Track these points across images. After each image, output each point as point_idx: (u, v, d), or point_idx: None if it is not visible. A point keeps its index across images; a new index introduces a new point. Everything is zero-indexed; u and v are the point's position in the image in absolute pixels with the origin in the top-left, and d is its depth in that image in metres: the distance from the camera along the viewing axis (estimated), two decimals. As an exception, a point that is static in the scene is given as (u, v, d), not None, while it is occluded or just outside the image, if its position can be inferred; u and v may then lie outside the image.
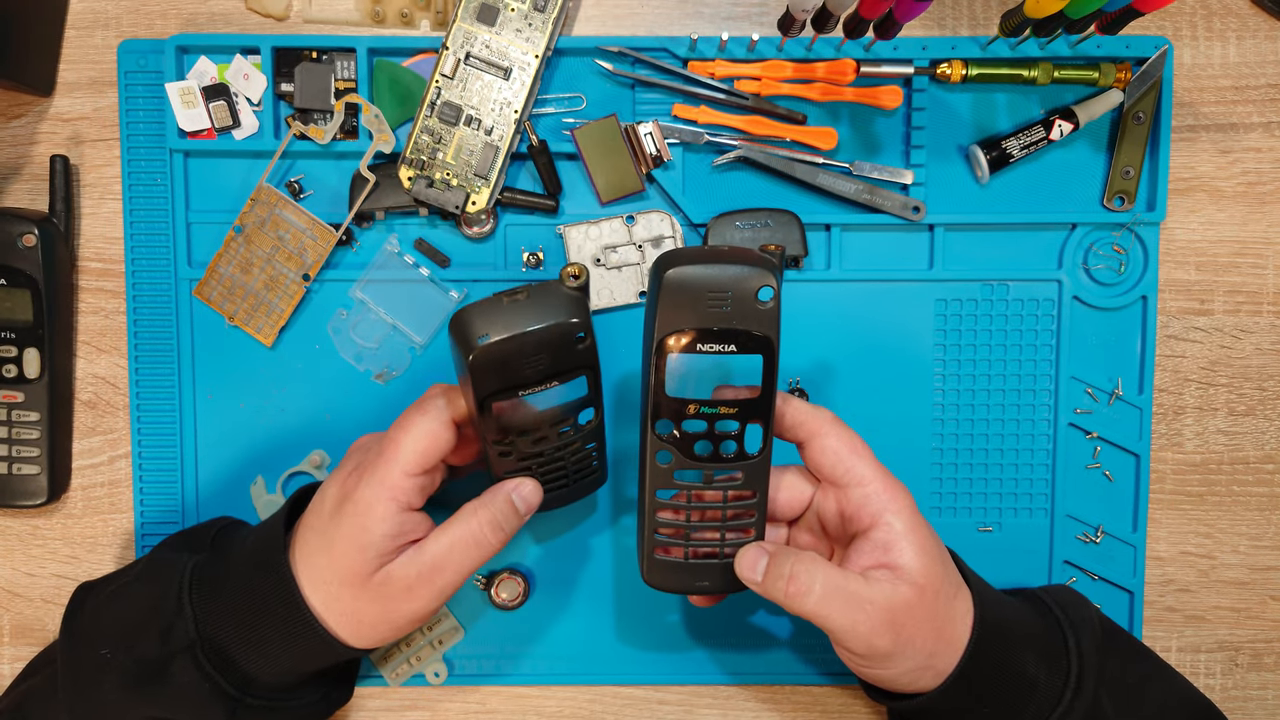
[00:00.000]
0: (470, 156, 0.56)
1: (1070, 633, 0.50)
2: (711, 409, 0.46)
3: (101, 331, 0.60)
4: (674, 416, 0.47)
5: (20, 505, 0.59)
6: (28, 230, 0.57)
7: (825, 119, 0.58)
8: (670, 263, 0.44)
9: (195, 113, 0.57)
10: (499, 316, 0.44)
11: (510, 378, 0.45)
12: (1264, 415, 0.61)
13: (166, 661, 0.48)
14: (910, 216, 0.58)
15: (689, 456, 0.47)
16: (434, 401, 0.48)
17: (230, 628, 0.48)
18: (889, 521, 0.47)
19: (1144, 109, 0.57)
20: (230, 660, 0.48)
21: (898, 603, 0.46)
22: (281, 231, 0.58)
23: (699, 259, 0.44)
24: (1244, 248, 0.60)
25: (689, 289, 0.43)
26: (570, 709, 0.61)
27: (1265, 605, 0.61)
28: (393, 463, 0.47)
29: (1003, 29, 0.56)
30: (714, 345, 0.44)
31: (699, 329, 0.44)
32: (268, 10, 0.59)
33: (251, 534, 0.52)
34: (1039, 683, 0.49)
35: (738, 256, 0.44)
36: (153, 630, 0.49)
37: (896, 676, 0.48)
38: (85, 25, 0.59)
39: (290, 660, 0.49)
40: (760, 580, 0.47)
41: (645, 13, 0.59)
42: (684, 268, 0.43)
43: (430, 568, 0.47)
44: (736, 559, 0.49)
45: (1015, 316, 0.59)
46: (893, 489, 0.48)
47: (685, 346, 0.44)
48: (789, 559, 0.47)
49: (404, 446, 0.47)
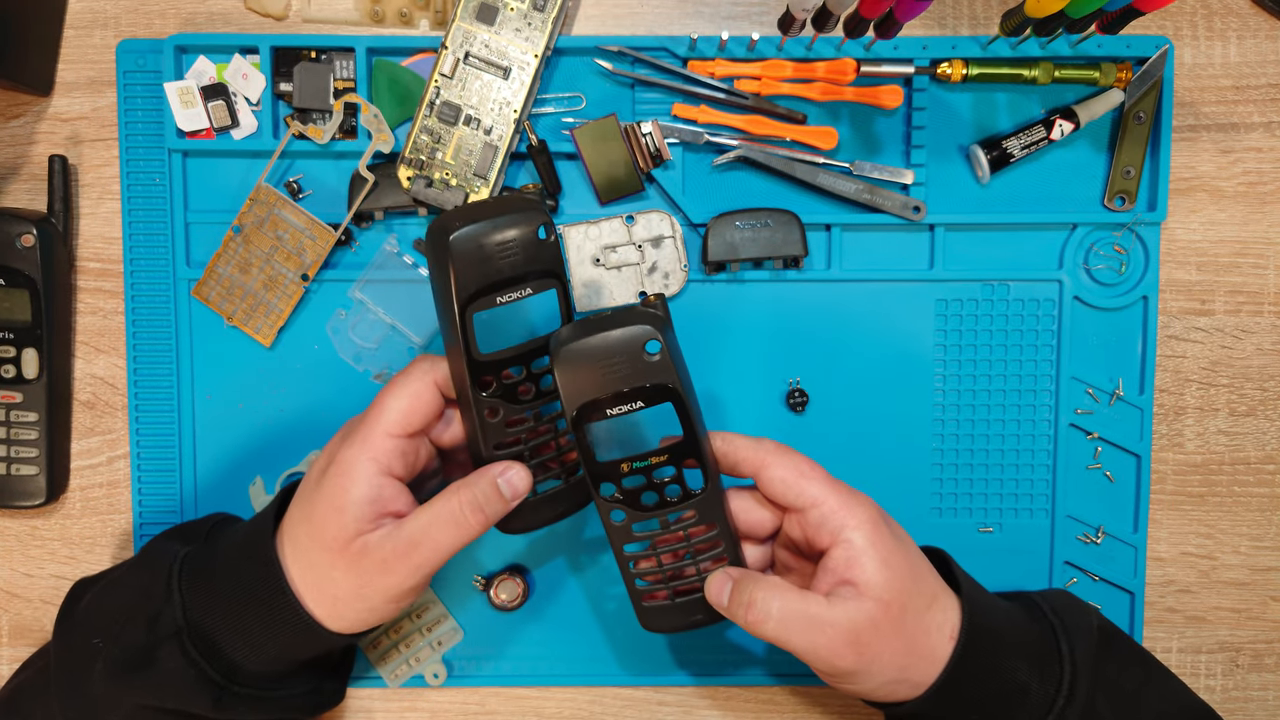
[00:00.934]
0: (469, 156, 0.56)
1: (1064, 639, 0.50)
2: (643, 461, 0.48)
3: (100, 332, 0.60)
4: (612, 478, 0.48)
5: (19, 506, 0.59)
6: (26, 230, 0.57)
7: (825, 119, 0.58)
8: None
9: (194, 112, 0.57)
10: (469, 214, 0.46)
11: (487, 271, 0.46)
12: (1265, 416, 0.60)
13: (153, 648, 0.48)
14: (910, 216, 0.58)
15: (639, 509, 0.49)
16: (419, 365, 0.49)
17: (217, 615, 0.48)
18: (849, 538, 0.47)
19: (1145, 109, 0.57)
20: (216, 647, 0.48)
21: (860, 621, 0.46)
22: (280, 231, 0.58)
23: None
24: (1245, 248, 0.60)
25: (582, 361, 0.46)
26: (570, 709, 0.61)
27: (1266, 606, 0.61)
28: (375, 423, 0.48)
29: (1003, 28, 0.56)
30: (622, 407, 0.46)
31: (599, 398, 0.46)
32: (266, 10, 0.58)
33: (244, 525, 0.52)
34: (1030, 689, 0.48)
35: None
36: (141, 617, 0.49)
37: (869, 691, 0.49)
38: (84, 25, 0.59)
39: (275, 647, 0.49)
40: (726, 605, 0.49)
41: (645, 12, 0.59)
42: (574, 343, 0.45)
43: (407, 543, 0.47)
44: (706, 587, 0.50)
45: (1016, 316, 0.59)
46: (850, 504, 0.48)
47: (596, 416, 0.46)
48: (749, 585, 0.48)
49: (387, 406, 0.48)
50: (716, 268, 0.58)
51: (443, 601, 0.60)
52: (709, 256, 0.57)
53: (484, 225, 0.45)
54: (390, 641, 0.60)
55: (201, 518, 0.57)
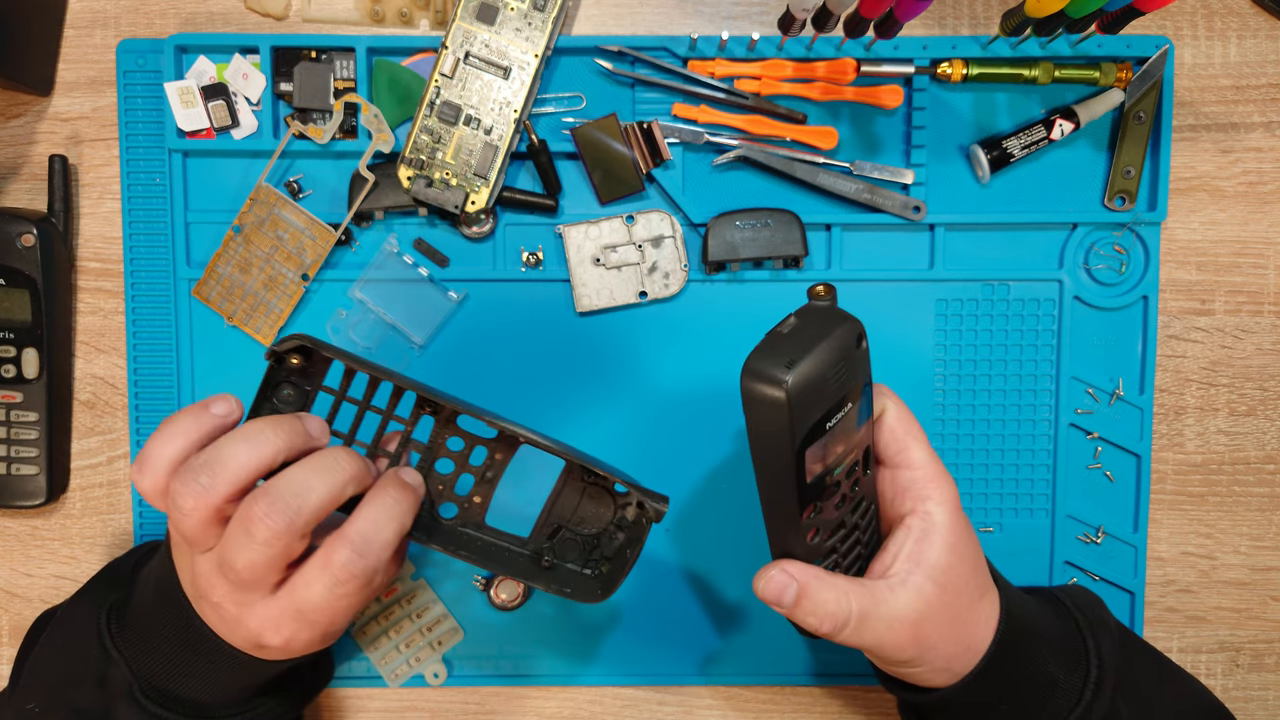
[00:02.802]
0: (470, 156, 0.56)
1: (1089, 635, 0.50)
2: (840, 464, 0.43)
3: (100, 331, 0.60)
4: (818, 496, 0.43)
5: (19, 506, 0.59)
6: (26, 230, 0.57)
7: (825, 118, 0.58)
8: (774, 375, 0.39)
9: (194, 112, 0.57)
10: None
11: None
12: (1265, 415, 0.60)
13: (108, 709, 0.46)
14: (911, 216, 0.58)
15: (831, 514, 0.45)
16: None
17: (160, 663, 0.47)
18: (929, 510, 0.46)
19: (1145, 108, 0.57)
20: (172, 695, 0.47)
21: (921, 609, 0.45)
22: (280, 231, 0.58)
23: (792, 354, 0.39)
24: (1245, 247, 0.60)
25: (812, 389, 0.39)
26: (570, 709, 0.61)
27: (1266, 606, 0.61)
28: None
29: (1003, 28, 0.56)
30: (837, 414, 0.42)
31: (824, 415, 0.41)
32: (267, 9, 0.59)
33: (154, 564, 0.49)
34: (1059, 682, 0.48)
35: (822, 327, 0.40)
36: (88, 680, 0.47)
37: (914, 675, 0.48)
38: (84, 25, 0.59)
39: (229, 679, 0.47)
40: (787, 608, 0.45)
41: (645, 12, 0.59)
42: (799, 378, 0.39)
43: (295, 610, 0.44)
44: (759, 582, 0.45)
45: (1016, 316, 0.59)
46: (941, 479, 0.47)
47: (816, 435, 0.41)
48: (818, 590, 0.44)
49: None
50: (716, 268, 0.58)
51: (443, 601, 0.60)
52: (709, 256, 0.57)
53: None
54: (390, 642, 0.60)
55: (126, 553, 0.56)
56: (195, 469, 0.41)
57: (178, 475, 0.42)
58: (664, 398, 0.59)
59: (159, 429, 0.43)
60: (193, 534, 0.42)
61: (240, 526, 0.41)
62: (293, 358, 0.45)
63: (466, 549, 0.48)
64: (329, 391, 0.47)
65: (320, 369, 0.46)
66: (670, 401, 0.59)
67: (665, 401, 0.59)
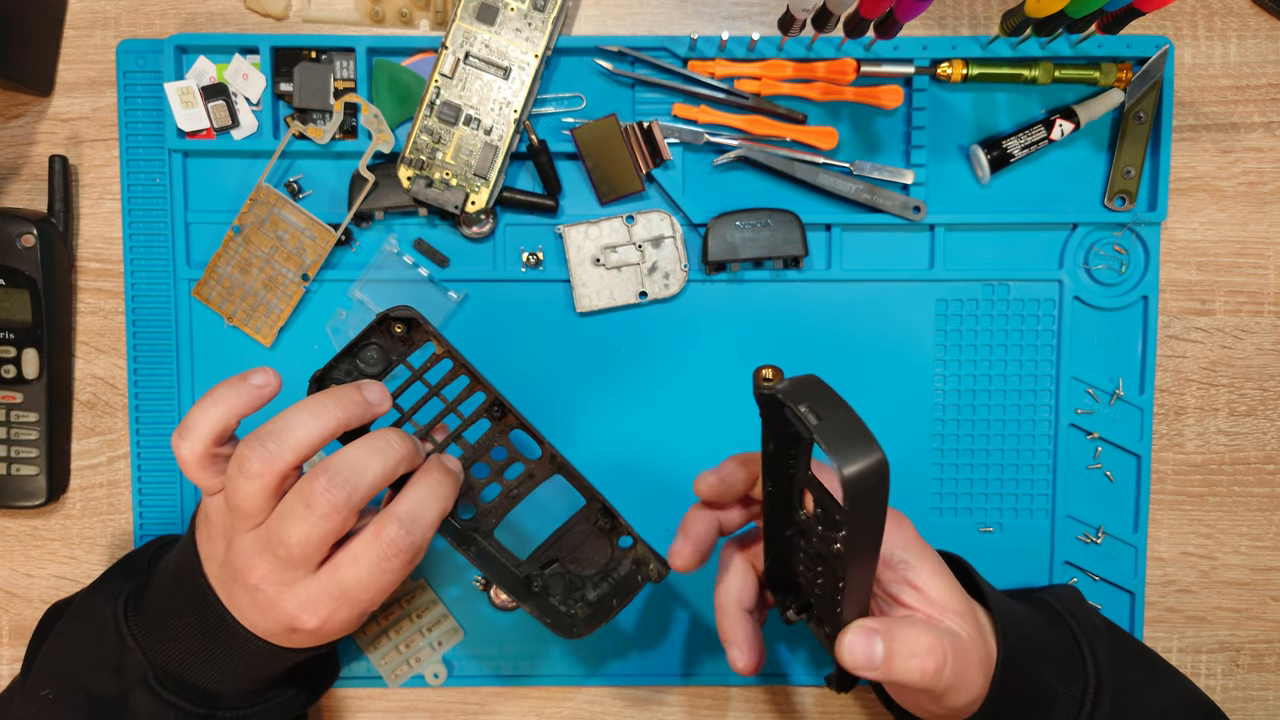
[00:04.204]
0: (469, 156, 0.56)
1: (1085, 642, 0.49)
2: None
3: (100, 332, 0.60)
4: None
5: (19, 506, 0.59)
6: (26, 230, 0.57)
7: (825, 119, 0.58)
8: (871, 446, 0.37)
9: (194, 112, 0.57)
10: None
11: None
12: (1265, 415, 0.60)
13: (124, 696, 0.47)
14: (911, 216, 0.58)
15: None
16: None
17: (177, 651, 0.47)
18: (902, 559, 0.45)
19: (1145, 109, 0.57)
20: (188, 684, 0.47)
21: (962, 641, 0.44)
22: (280, 231, 0.58)
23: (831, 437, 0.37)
24: (1245, 248, 0.60)
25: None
26: (570, 709, 0.61)
27: (1266, 606, 0.61)
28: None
29: (1003, 28, 0.56)
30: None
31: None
32: (267, 10, 0.59)
33: (174, 553, 0.49)
34: (1057, 695, 0.48)
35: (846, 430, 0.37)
36: (104, 667, 0.47)
37: (952, 710, 0.46)
38: (84, 25, 0.59)
39: (245, 669, 0.47)
40: (879, 667, 0.42)
41: (645, 12, 0.59)
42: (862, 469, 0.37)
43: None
44: (843, 649, 0.42)
45: (1016, 316, 0.59)
46: (895, 519, 0.46)
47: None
48: (902, 635, 0.42)
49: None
50: (716, 268, 0.58)
51: (443, 601, 0.60)
52: (709, 256, 0.57)
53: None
54: (390, 642, 0.60)
55: (143, 546, 0.56)
56: (262, 436, 0.42)
57: (245, 441, 0.43)
58: (664, 398, 0.59)
59: (200, 400, 0.44)
60: (250, 504, 0.43)
61: (300, 499, 0.42)
62: (397, 325, 0.47)
63: (469, 550, 0.49)
64: (408, 367, 0.48)
65: (414, 344, 0.48)
66: (670, 402, 0.59)
67: (665, 402, 0.59)
